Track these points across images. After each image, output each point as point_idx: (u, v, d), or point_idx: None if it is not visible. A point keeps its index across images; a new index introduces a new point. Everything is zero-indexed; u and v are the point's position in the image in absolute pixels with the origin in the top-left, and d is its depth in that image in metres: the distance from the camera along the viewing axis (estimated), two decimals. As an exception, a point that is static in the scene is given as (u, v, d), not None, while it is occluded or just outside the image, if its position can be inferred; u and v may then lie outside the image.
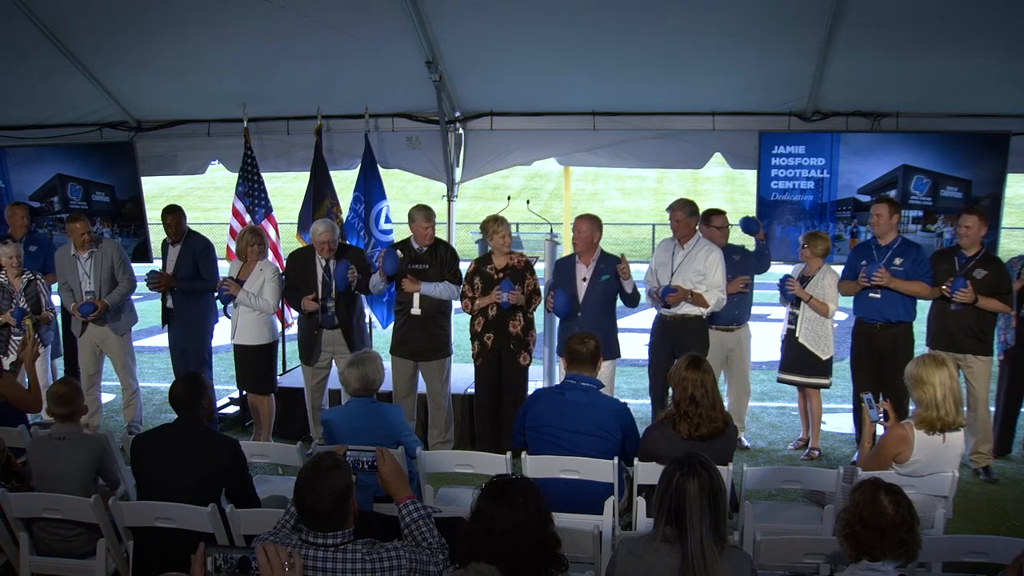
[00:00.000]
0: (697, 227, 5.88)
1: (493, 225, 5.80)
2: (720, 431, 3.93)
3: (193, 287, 6.41)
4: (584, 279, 5.69)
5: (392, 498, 3.03)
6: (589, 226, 5.71)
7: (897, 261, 5.58)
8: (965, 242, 5.52)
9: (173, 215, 6.46)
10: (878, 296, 5.60)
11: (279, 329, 6.42)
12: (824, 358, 5.92)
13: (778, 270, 6.45)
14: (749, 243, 6.61)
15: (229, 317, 6.17)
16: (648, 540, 2.67)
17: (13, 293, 6.26)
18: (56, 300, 6.68)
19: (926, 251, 5.76)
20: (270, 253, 6.69)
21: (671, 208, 5.88)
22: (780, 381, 6.22)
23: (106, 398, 7.27)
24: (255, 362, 6.10)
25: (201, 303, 6.50)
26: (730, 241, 6.26)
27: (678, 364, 4.06)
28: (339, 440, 4.10)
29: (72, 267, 6.29)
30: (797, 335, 5.92)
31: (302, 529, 2.66)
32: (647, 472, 3.89)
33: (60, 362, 7.07)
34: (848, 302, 5.94)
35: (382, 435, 4.16)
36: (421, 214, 5.93)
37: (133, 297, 6.66)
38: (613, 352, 5.73)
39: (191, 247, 6.47)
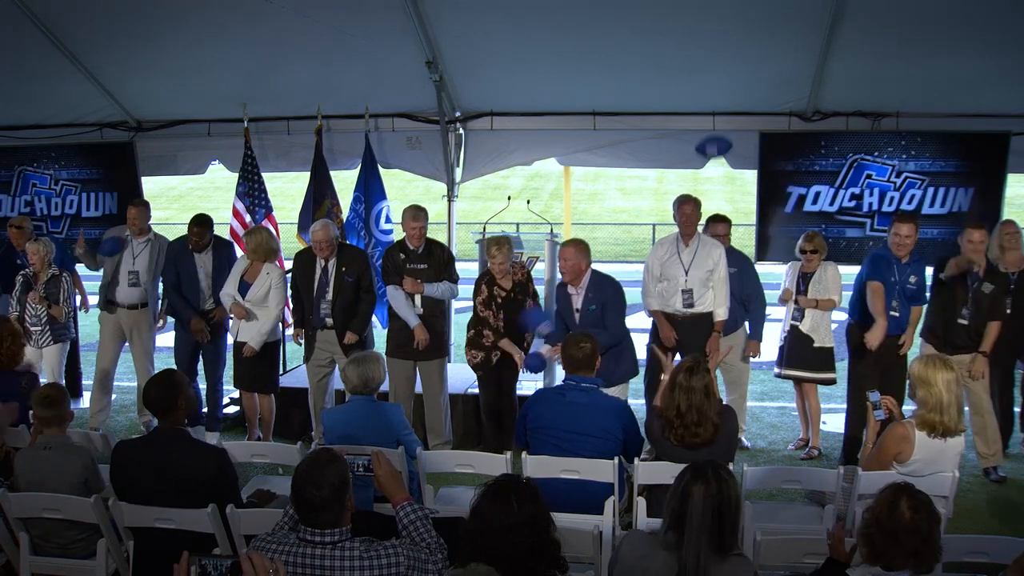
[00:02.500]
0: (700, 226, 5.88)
1: (494, 249, 5.70)
2: (707, 442, 3.88)
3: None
4: (576, 310, 5.48)
5: (389, 500, 3.04)
6: (574, 253, 5.38)
7: (912, 279, 5.54)
8: (976, 257, 5.45)
9: (199, 228, 6.33)
10: (898, 315, 5.51)
11: (280, 329, 6.41)
12: (828, 346, 5.96)
13: (774, 269, 6.47)
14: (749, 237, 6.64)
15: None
16: (651, 541, 2.65)
17: (35, 284, 6.36)
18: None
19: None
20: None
21: (682, 201, 5.74)
22: (785, 377, 6.19)
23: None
24: (257, 361, 6.10)
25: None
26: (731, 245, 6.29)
27: (680, 363, 4.06)
28: (339, 439, 4.10)
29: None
30: (801, 328, 5.94)
31: (299, 528, 2.66)
32: (647, 472, 3.90)
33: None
34: (848, 301, 5.93)
35: (382, 434, 4.16)
36: (407, 214, 5.92)
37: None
38: (628, 373, 5.64)
39: (224, 255, 6.43)
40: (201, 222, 6.37)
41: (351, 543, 2.63)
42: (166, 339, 7.30)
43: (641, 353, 6.03)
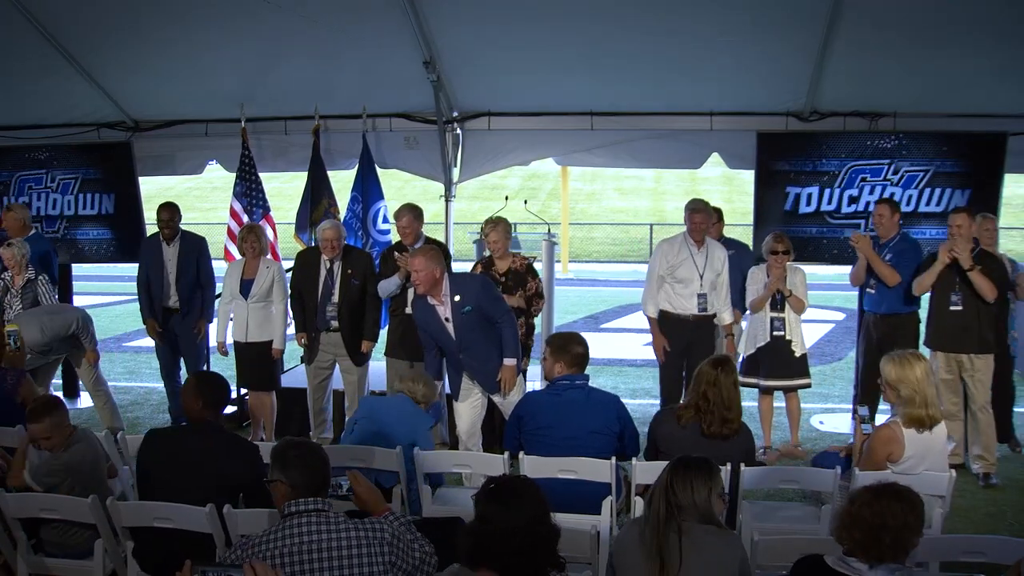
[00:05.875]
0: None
1: (487, 227, 5.83)
2: (732, 434, 3.96)
3: (194, 305, 6.49)
4: (447, 319, 4.93)
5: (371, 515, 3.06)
6: (424, 263, 4.76)
7: (887, 257, 5.80)
8: (962, 242, 5.48)
9: (168, 211, 6.45)
10: (874, 292, 5.86)
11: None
12: (805, 352, 6.00)
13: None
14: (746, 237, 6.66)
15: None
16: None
17: (10, 290, 6.23)
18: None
19: (921, 250, 5.91)
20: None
21: (693, 210, 5.75)
22: (766, 389, 6.07)
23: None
24: (258, 358, 6.11)
25: (203, 302, 6.58)
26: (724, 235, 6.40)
27: (709, 359, 4.14)
28: (370, 423, 4.31)
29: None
30: (788, 338, 5.91)
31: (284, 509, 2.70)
32: (646, 472, 3.90)
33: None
34: (845, 301, 5.96)
35: (409, 436, 4.23)
36: (398, 214, 5.96)
37: (127, 299, 6.67)
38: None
39: (189, 247, 6.47)
40: (168, 207, 6.48)
41: (334, 512, 2.68)
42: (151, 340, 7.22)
43: (636, 353, 6.02)
